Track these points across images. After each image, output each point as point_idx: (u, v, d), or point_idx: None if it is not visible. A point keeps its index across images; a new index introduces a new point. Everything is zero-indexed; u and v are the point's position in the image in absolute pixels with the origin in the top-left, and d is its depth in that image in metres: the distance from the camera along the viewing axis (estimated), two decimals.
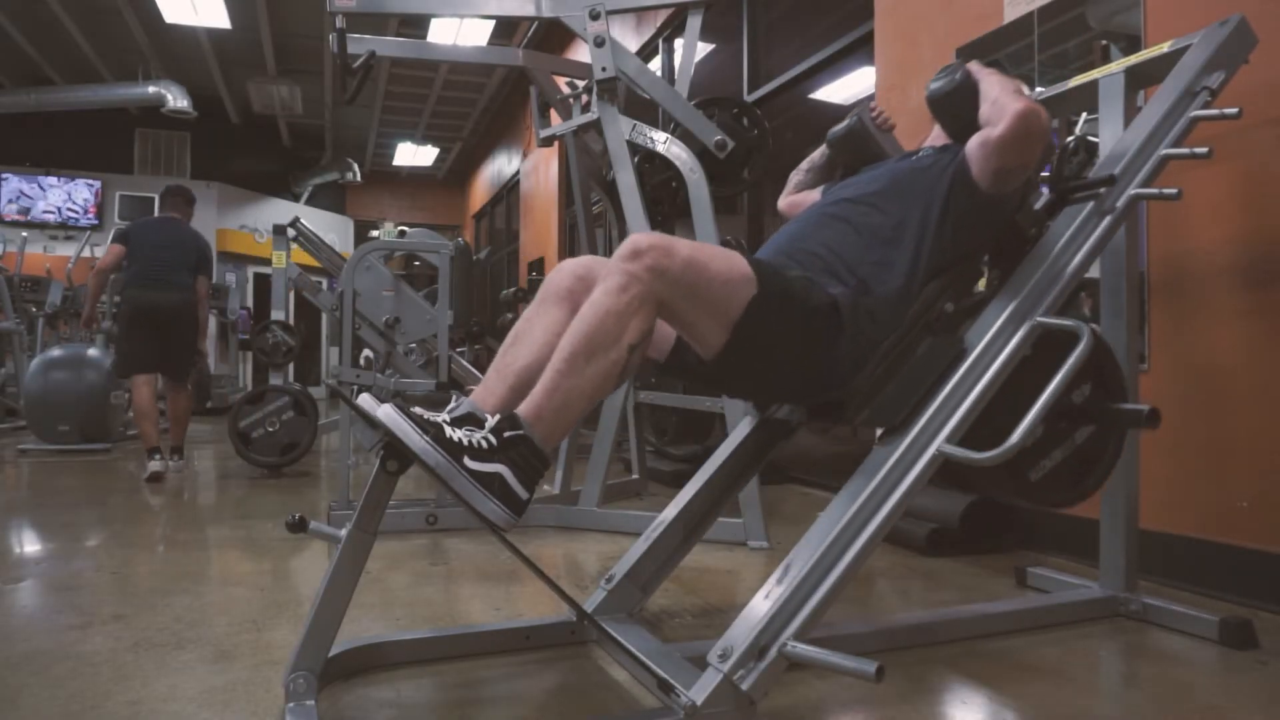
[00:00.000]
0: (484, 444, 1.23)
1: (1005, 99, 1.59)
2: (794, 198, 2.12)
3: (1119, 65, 1.98)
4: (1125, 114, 1.93)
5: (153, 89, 9.09)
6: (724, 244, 2.77)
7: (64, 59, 9.18)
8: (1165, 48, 1.91)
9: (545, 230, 8.70)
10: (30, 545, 2.79)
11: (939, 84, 1.74)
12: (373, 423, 1.25)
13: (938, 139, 1.84)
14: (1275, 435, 2.01)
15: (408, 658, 1.64)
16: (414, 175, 14.19)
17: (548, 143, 3.41)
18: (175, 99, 9.06)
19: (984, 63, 1.75)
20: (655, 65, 6.00)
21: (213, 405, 8.50)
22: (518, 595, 2.17)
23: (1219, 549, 2.11)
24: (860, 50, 3.85)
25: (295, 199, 12.40)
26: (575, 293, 1.45)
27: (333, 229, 11.89)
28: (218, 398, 8.63)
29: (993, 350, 1.54)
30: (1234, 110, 1.75)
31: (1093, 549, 2.06)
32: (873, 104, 2.04)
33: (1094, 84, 2.01)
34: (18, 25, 8.21)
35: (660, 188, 3.22)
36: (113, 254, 4.45)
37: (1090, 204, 1.70)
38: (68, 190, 10.55)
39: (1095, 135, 2.02)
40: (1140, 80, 2.01)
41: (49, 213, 10.45)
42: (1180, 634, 1.84)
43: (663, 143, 2.90)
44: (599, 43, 2.92)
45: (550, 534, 2.97)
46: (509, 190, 10.90)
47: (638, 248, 1.32)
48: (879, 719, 1.42)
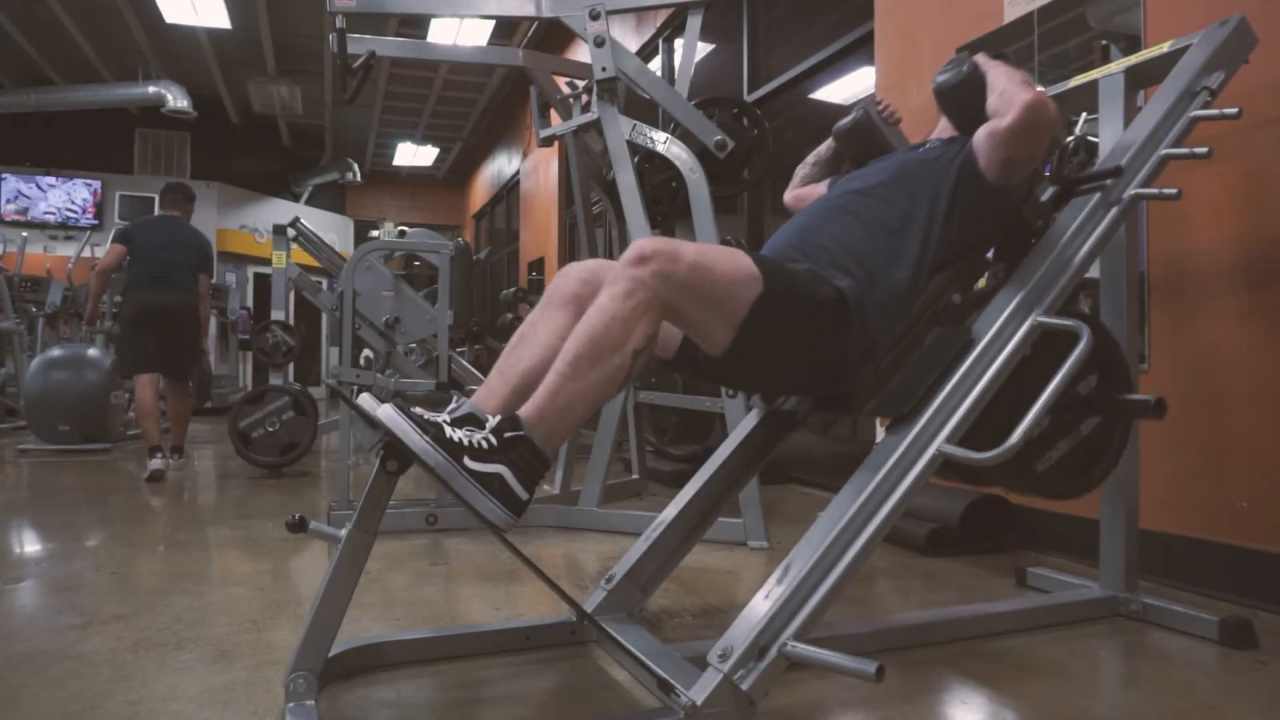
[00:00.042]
0: (484, 444, 1.23)
1: (1013, 90, 1.59)
2: (800, 191, 2.13)
3: (1119, 65, 1.98)
4: (1125, 114, 1.93)
5: (153, 89, 9.09)
6: (724, 244, 2.77)
7: (64, 59, 9.18)
8: (1165, 48, 1.91)
9: (545, 230, 8.70)
10: (30, 545, 2.79)
11: (946, 76, 1.74)
12: (373, 423, 1.25)
13: (944, 131, 1.83)
14: (1275, 435, 2.01)
15: (408, 658, 1.64)
16: (414, 175, 14.19)
17: (548, 143, 3.41)
18: (175, 99, 9.07)
19: (991, 55, 1.74)
20: (655, 65, 6.00)
21: (213, 405, 8.50)
22: (518, 595, 2.17)
23: (1219, 549, 2.11)
24: (860, 50, 3.85)
25: (295, 199, 12.39)
26: (581, 297, 1.44)
27: (333, 229, 11.89)
28: (218, 398, 8.63)
29: (1000, 340, 1.54)
30: (1234, 110, 1.75)
31: (1093, 549, 2.06)
32: (879, 97, 2.04)
33: (1094, 84, 2.02)
34: (18, 25, 8.21)
35: (660, 188, 3.22)
36: (114, 254, 4.45)
37: (1097, 195, 1.70)
38: (67, 190, 10.55)
39: (1095, 135, 2.02)
40: (1140, 80, 2.01)
41: (49, 213, 10.45)
42: (1180, 634, 1.84)
43: (663, 143, 2.90)
44: (599, 43, 2.92)
45: (550, 534, 2.97)
46: (509, 190, 10.90)
47: (643, 253, 1.32)
48: (879, 719, 1.42)
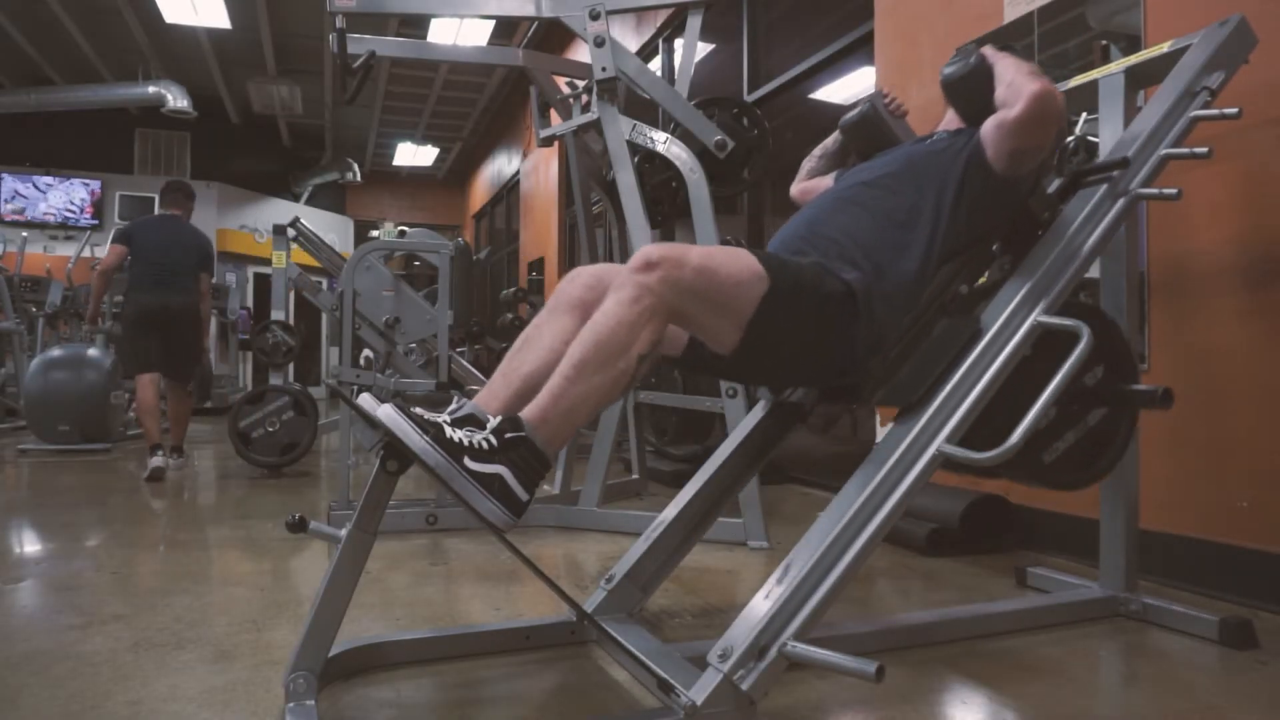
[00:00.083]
0: (484, 445, 1.23)
1: (1021, 80, 1.59)
2: (806, 184, 2.13)
3: (1119, 65, 1.98)
4: (1125, 114, 1.93)
5: (153, 89, 9.09)
6: (724, 244, 2.77)
7: (64, 59, 9.18)
8: (1165, 48, 1.91)
9: (545, 230, 8.69)
10: (30, 545, 2.79)
11: (953, 68, 1.74)
12: (373, 423, 1.25)
13: (951, 123, 1.84)
14: (1275, 435, 2.01)
15: (408, 658, 1.64)
16: (414, 175, 14.19)
17: (548, 143, 3.40)
18: (175, 99, 9.07)
19: (998, 47, 1.74)
20: (655, 65, 5.99)
21: (213, 405, 8.50)
22: (518, 595, 2.17)
23: (1219, 549, 2.11)
24: (860, 50, 3.84)
25: (295, 199, 12.39)
26: (587, 302, 1.44)
27: (333, 229, 11.89)
28: (218, 397, 8.63)
29: (1008, 331, 1.54)
30: (1234, 110, 1.75)
31: (1093, 549, 2.06)
32: (885, 90, 2.04)
33: (1094, 84, 2.02)
34: (18, 25, 8.21)
35: (660, 188, 3.22)
36: (115, 254, 4.45)
37: (1104, 187, 1.70)
38: (66, 190, 10.55)
39: (1095, 135, 2.02)
40: (1140, 80, 2.01)
41: (49, 214, 10.45)
42: (1180, 634, 1.84)
43: (663, 143, 2.89)
44: (599, 43, 2.92)
45: (550, 534, 2.97)
46: (509, 190, 10.90)
47: (650, 259, 1.32)
48: (879, 719, 1.42)
